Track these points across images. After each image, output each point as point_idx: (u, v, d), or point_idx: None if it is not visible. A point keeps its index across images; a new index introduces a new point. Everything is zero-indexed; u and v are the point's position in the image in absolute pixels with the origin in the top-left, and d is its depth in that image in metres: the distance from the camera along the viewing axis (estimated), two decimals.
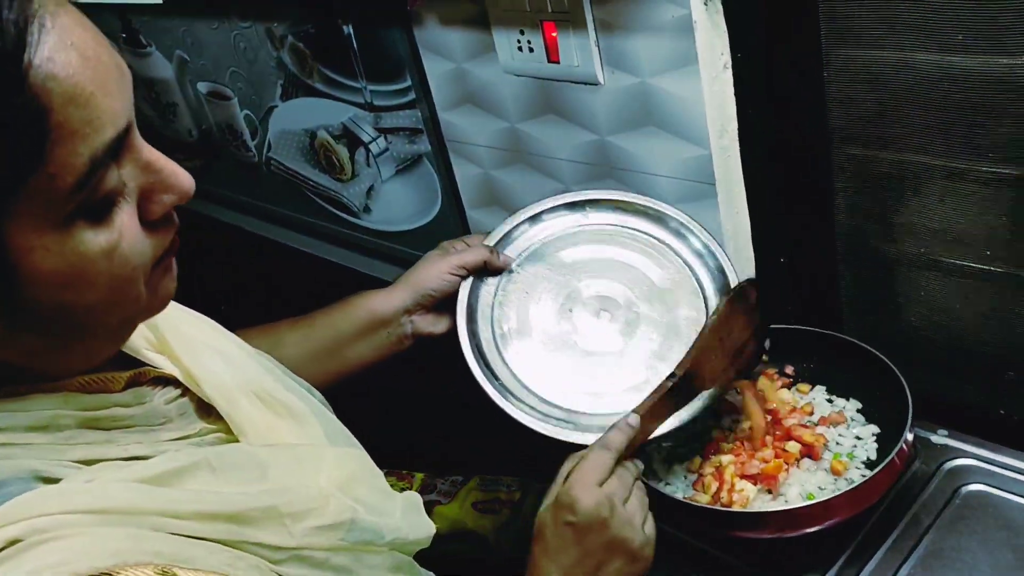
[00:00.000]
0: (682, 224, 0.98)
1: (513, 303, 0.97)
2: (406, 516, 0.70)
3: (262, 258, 1.92)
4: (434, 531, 0.75)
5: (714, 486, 0.89)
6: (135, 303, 0.54)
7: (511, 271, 0.98)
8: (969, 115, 0.84)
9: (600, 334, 0.94)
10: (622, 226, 1.00)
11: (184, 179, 0.54)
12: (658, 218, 0.99)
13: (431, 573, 0.76)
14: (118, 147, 0.49)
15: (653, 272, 0.97)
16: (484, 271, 0.97)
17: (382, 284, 1.07)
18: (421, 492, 1.09)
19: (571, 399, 0.91)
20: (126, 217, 0.51)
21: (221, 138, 1.86)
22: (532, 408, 0.89)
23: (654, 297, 0.95)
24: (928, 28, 0.82)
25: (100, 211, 0.49)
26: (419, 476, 1.11)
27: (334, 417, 0.77)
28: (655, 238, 0.98)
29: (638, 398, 0.85)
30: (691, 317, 0.94)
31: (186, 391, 0.64)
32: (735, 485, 0.88)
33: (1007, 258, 0.90)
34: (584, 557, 0.74)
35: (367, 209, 1.60)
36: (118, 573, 0.46)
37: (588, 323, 0.95)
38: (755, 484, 0.89)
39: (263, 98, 1.63)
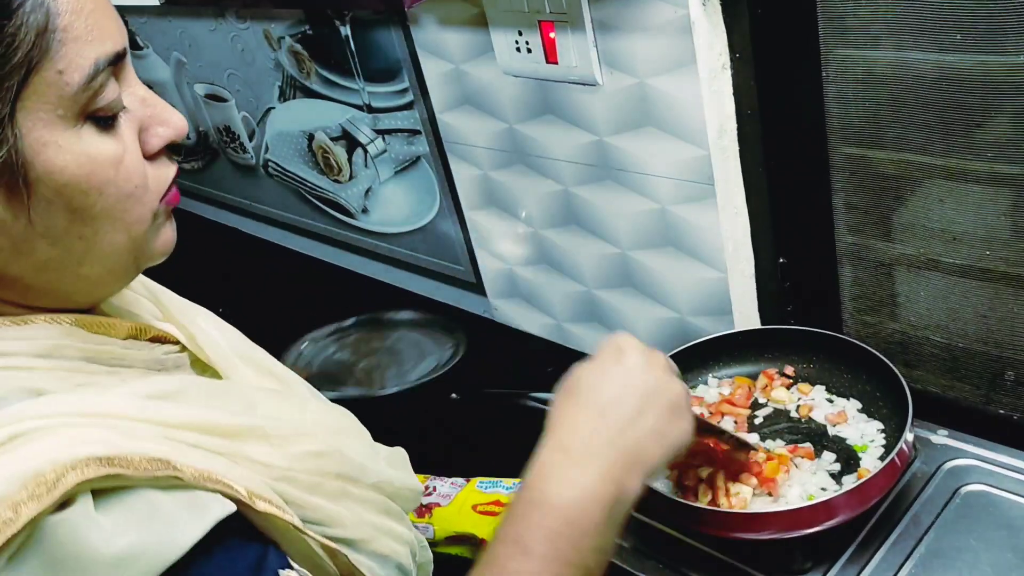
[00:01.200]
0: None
1: None
2: (392, 465, 0.72)
3: (260, 260, 1.92)
4: (421, 488, 0.77)
5: (708, 495, 0.88)
6: (140, 224, 0.58)
7: None
8: (968, 114, 0.84)
9: None
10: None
11: (177, 115, 0.60)
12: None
13: (418, 532, 0.77)
14: (118, 61, 0.55)
15: None
16: None
17: (380, 285, 1.07)
18: None
19: None
20: (129, 134, 0.56)
21: (219, 140, 1.86)
22: None
23: None
24: (926, 28, 0.82)
25: (107, 121, 0.55)
26: (419, 477, 1.11)
27: (321, 396, 0.80)
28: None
29: None
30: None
31: (185, 350, 0.68)
32: (730, 489, 0.88)
33: (1007, 257, 0.90)
34: (624, 395, 0.68)
35: (365, 211, 1.60)
36: (115, 459, 0.49)
37: None
38: (752, 486, 0.88)
39: (261, 100, 1.63)
